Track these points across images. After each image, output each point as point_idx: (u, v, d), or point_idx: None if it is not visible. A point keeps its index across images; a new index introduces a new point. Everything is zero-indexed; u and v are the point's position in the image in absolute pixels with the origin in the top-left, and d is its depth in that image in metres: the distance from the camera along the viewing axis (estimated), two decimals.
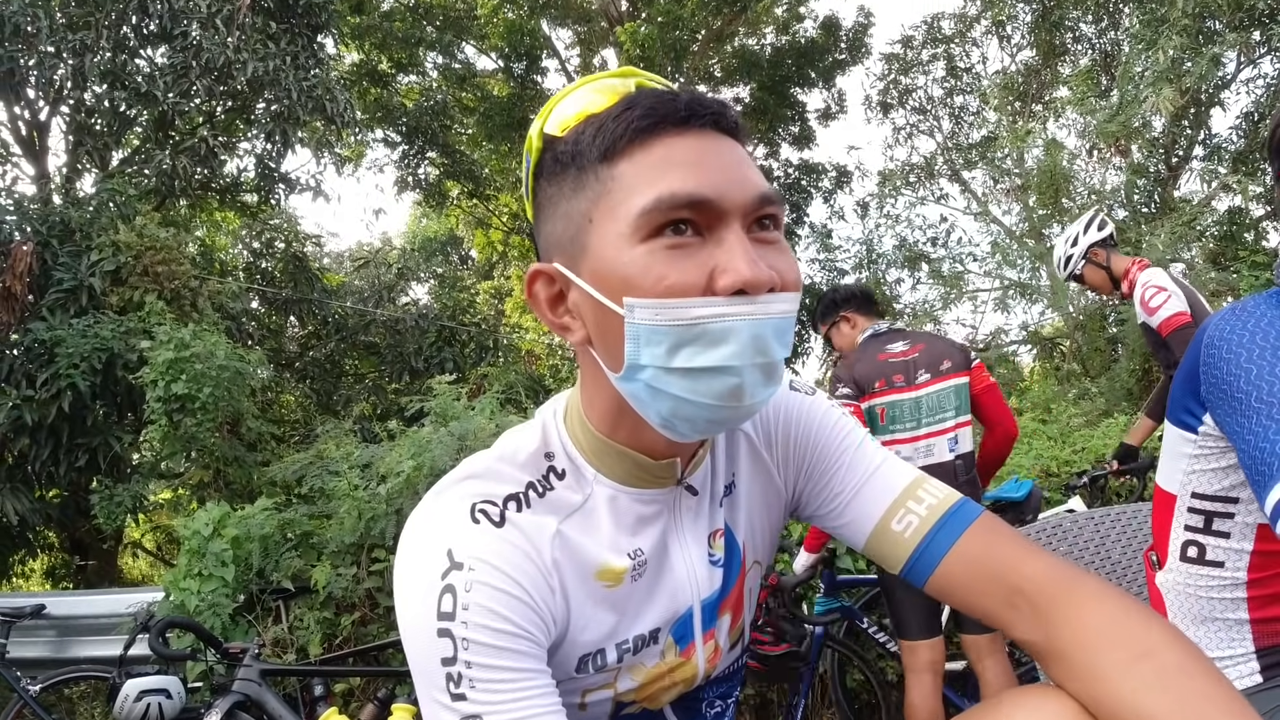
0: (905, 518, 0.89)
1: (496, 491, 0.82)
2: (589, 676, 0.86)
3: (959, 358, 2.88)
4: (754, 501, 0.97)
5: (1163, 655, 0.70)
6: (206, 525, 3.43)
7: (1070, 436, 5.97)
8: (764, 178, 0.77)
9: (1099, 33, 15.34)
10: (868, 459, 0.94)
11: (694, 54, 16.89)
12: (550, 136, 0.80)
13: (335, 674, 3.15)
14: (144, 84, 9.67)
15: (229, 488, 6.73)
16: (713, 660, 0.95)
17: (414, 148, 16.88)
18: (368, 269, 14.01)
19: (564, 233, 0.78)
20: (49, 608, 4.50)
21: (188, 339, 6.30)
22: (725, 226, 0.72)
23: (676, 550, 0.90)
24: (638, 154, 0.74)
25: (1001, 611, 0.82)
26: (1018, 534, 0.88)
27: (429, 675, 0.73)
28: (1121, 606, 0.75)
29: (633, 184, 0.73)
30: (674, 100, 0.74)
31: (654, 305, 0.70)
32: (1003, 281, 14.06)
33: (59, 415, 7.49)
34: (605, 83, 0.80)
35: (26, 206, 8.90)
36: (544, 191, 0.81)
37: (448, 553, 0.76)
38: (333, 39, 12.78)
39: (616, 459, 0.85)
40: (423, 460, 3.59)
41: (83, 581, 10.01)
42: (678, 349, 0.71)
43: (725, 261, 0.71)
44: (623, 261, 0.72)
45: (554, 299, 0.81)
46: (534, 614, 0.77)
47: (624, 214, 0.72)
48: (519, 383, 9.00)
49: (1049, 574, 0.81)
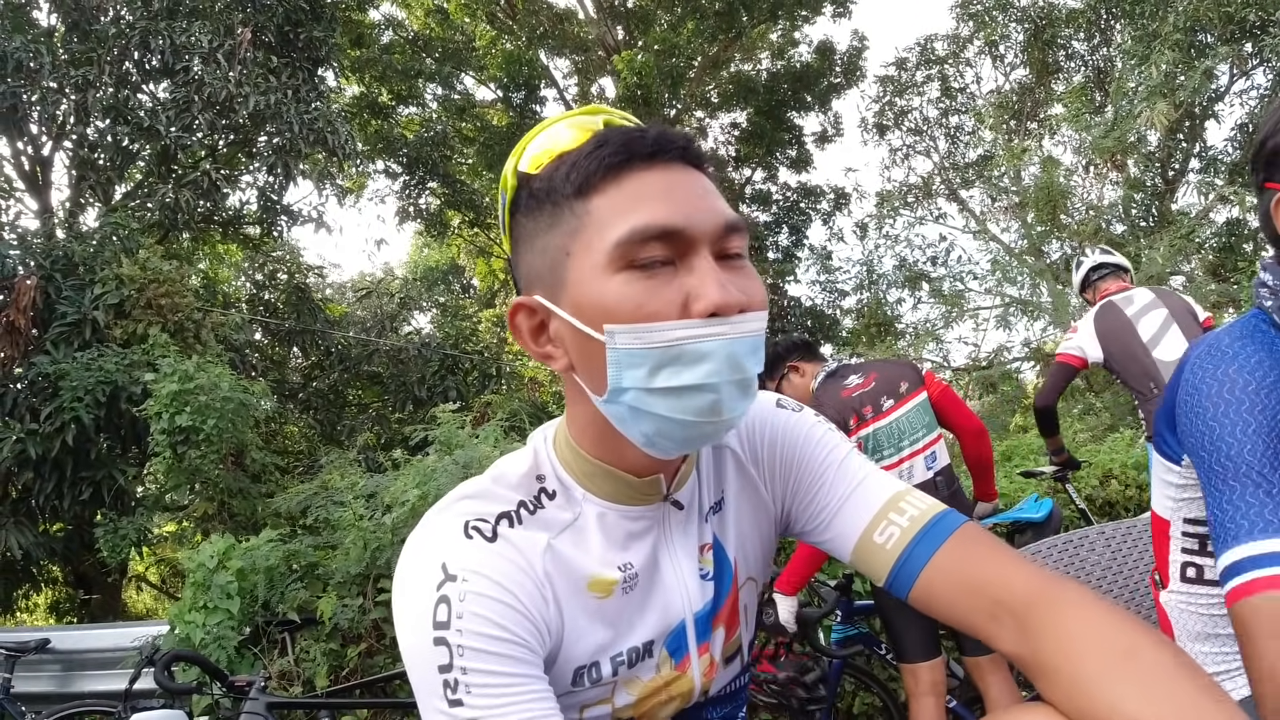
0: (887, 530, 0.90)
1: (489, 510, 0.85)
2: (585, 690, 0.87)
3: (912, 376, 2.93)
4: (743, 517, 0.99)
5: (1143, 658, 0.69)
6: (211, 558, 3.41)
7: (1077, 452, 5.94)
8: (729, 206, 0.81)
9: (1091, 50, 15.46)
10: (852, 473, 0.96)
11: (690, 81, 17.04)
12: (524, 174, 0.83)
13: (342, 706, 3.12)
14: (146, 119, 9.74)
15: (233, 519, 6.71)
16: (709, 674, 0.96)
17: (415, 178, 16.98)
18: (370, 299, 14.06)
19: (543, 266, 0.82)
20: (53, 642, 4.47)
21: (191, 371, 6.31)
22: (695, 254, 0.77)
23: (667, 564, 0.92)
24: (610, 189, 0.77)
25: (984, 623, 0.82)
26: (1000, 544, 0.87)
27: (427, 684, 0.75)
28: (1101, 613, 0.75)
29: (607, 217, 0.77)
30: (642, 136, 0.78)
31: (634, 330, 0.75)
32: (1004, 299, 14.10)
33: (63, 449, 7.49)
34: (575, 121, 0.84)
35: (30, 241, 8.97)
36: (521, 227, 0.85)
37: (442, 566, 0.79)
38: (333, 72, 12.91)
39: (603, 478, 0.88)
40: (428, 489, 3.58)
41: (87, 616, 9.97)
42: (658, 370, 0.75)
43: (698, 287, 0.75)
44: (601, 291, 0.76)
45: (536, 329, 0.85)
46: (528, 622, 0.79)
47: (600, 246, 0.76)
48: (523, 410, 8.99)
49: (1029, 584, 0.80)
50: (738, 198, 18.58)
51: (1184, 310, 3.51)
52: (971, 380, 14.56)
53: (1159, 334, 3.43)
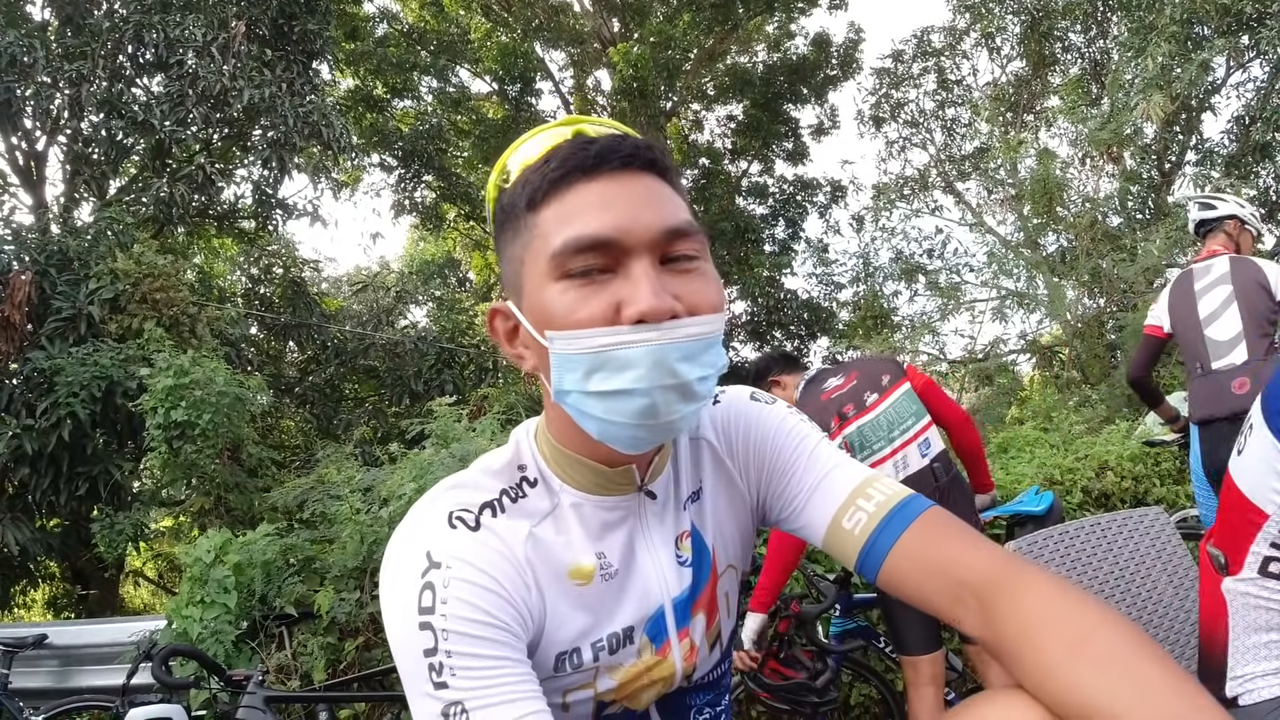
0: (855, 515, 0.92)
1: (472, 500, 0.88)
2: (567, 676, 0.90)
3: (893, 369, 2.95)
4: (720, 507, 1.02)
5: (1101, 640, 0.70)
6: (208, 552, 3.40)
7: (1073, 444, 5.96)
8: (682, 210, 0.84)
9: (1088, 42, 15.45)
10: (821, 461, 0.98)
11: (686, 73, 17.02)
12: (500, 188, 0.91)
13: (340, 700, 3.13)
14: (141, 113, 9.72)
15: (230, 514, 6.70)
16: (689, 659, 0.98)
17: (410, 171, 16.95)
18: (366, 293, 14.04)
19: (509, 274, 0.88)
20: (51, 637, 4.47)
21: (187, 366, 6.29)
22: (632, 261, 0.79)
23: (644, 552, 0.95)
24: (554, 202, 0.82)
25: (950, 606, 0.84)
26: (965, 528, 0.89)
27: (413, 668, 0.77)
28: (1060, 596, 0.76)
29: (549, 230, 0.81)
30: (586, 149, 0.82)
31: (567, 336, 0.79)
32: (1000, 291, 14.09)
33: (59, 444, 7.48)
34: (549, 133, 0.90)
35: (25, 236, 8.93)
36: (498, 238, 0.91)
37: (426, 554, 0.81)
38: (328, 65, 12.87)
39: (578, 469, 0.92)
40: (424, 483, 3.57)
41: (84, 611, 9.98)
42: (590, 374, 0.79)
43: (629, 294, 0.78)
44: (544, 299, 0.81)
45: (510, 333, 0.91)
46: (510, 607, 0.82)
47: (543, 257, 0.81)
48: (519, 403, 9.00)
49: (990, 566, 0.82)
50: (734, 190, 18.58)
51: (1253, 287, 3.20)
52: (968, 373, 14.57)
53: (1217, 312, 3.24)
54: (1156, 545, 1.66)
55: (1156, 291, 11.11)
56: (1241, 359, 3.03)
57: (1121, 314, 10.88)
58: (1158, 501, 5.04)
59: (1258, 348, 2.99)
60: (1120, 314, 10.98)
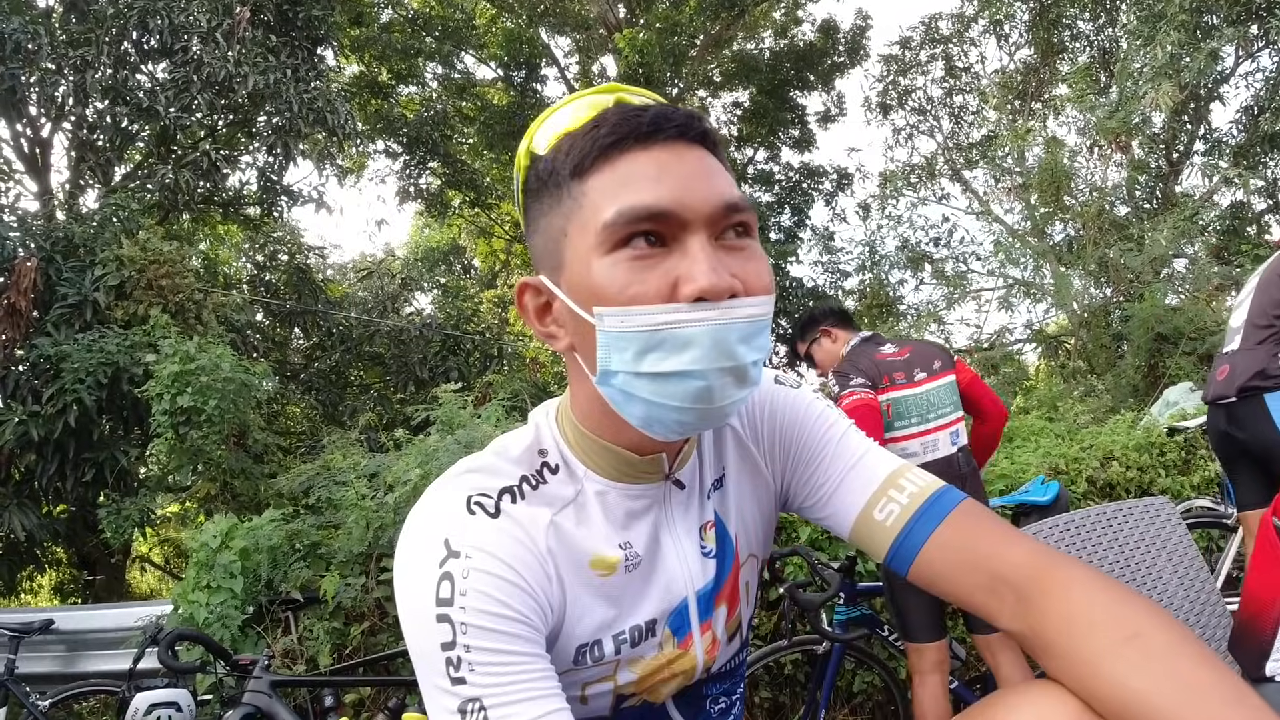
0: (887, 506, 0.90)
1: (491, 485, 0.84)
2: (587, 669, 0.87)
3: (945, 358, 2.97)
4: (744, 494, 0.99)
5: (1150, 637, 0.70)
6: (214, 537, 3.42)
7: (1078, 434, 5.96)
8: (733, 185, 0.80)
9: (1097, 30, 15.33)
10: (850, 449, 0.96)
11: (692, 59, 16.93)
12: (534, 154, 0.84)
13: (346, 684, 3.14)
14: (145, 99, 9.70)
15: (236, 500, 6.73)
16: (711, 652, 0.96)
17: (415, 158, 16.91)
18: (371, 280, 14.02)
19: (545, 247, 0.82)
20: (57, 623, 4.49)
21: (193, 352, 6.31)
22: (689, 236, 0.75)
23: (669, 543, 0.92)
24: (605, 170, 0.77)
25: (985, 600, 0.83)
26: (1000, 520, 0.88)
27: (429, 661, 0.75)
28: (1106, 591, 0.75)
29: (599, 199, 0.76)
30: (639, 116, 0.77)
31: (619, 313, 0.74)
32: (1006, 280, 14.04)
33: (65, 430, 7.50)
34: (588, 100, 0.84)
35: (30, 223, 8.95)
36: (531, 208, 0.85)
37: (444, 542, 0.78)
38: (332, 51, 12.83)
39: (604, 456, 0.88)
40: (430, 469, 3.58)
41: (91, 596, 10.03)
42: (644, 354, 0.74)
43: (687, 270, 0.74)
44: (592, 273, 0.76)
45: (541, 309, 0.86)
46: (531, 600, 0.79)
47: (592, 228, 0.76)
48: (524, 390, 9.01)
49: (1031, 560, 0.81)
50: (740, 178, 18.51)
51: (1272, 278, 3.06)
52: (973, 362, 14.53)
53: (1241, 299, 3.18)
54: (1162, 535, 1.66)
55: (1163, 281, 11.09)
56: (1234, 347, 3.03)
57: (1128, 304, 10.83)
58: (1162, 492, 5.04)
59: (1251, 337, 2.98)
60: (1127, 304, 10.93)
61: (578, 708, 0.81)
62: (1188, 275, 11.93)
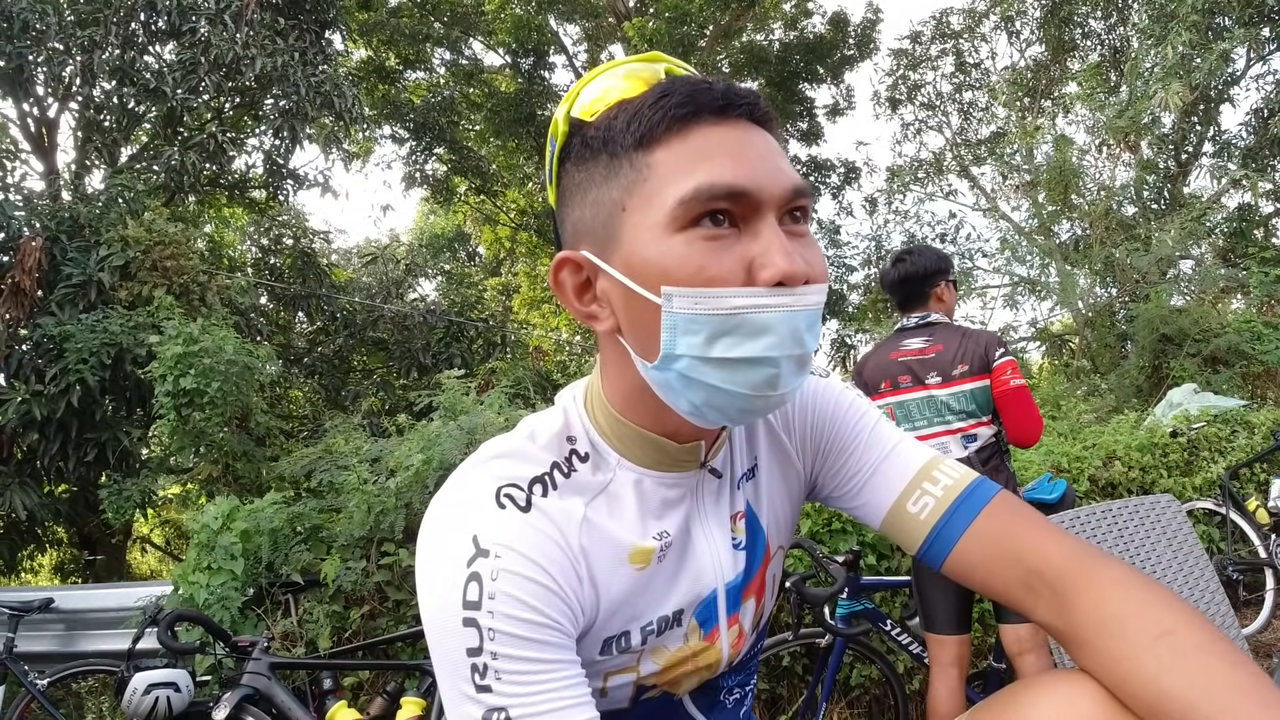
0: (921, 499, 0.89)
1: (522, 474, 0.80)
2: (612, 659, 0.85)
3: (978, 364, 2.75)
4: (775, 484, 0.97)
5: (1182, 636, 0.69)
6: (215, 519, 3.42)
7: (1081, 433, 5.95)
8: (794, 169, 0.76)
9: (1108, 28, 15.28)
10: (884, 440, 0.95)
11: (702, 49, 16.85)
12: (578, 120, 0.79)
13: (344, 667, 3.14)
14: (153, 80, 9.68)
15: (238, 482, 6.74)
16: (737, 645, 0.94)
17: (421, 144, 16.90)
18: (376, 265, 14.02)
19: (594, 220, 0.77)
20: (57, 602, 4.50)
21: (196, 334, 6.30)
22: (760, 219, 0.72)
23: (700, 533, 0.89)
24: (675, 142, 0.72)
25: (1020, 594, 0.82)
26: (1036, 514, 0.87)
27: (453, 665, 0.72)
28: (1143, 590, 0.75)
29: (670, 173, 0.72)
30: (710, 89, 0.73)
31: (693, 295, 0.70)
32: (1012, 278, 14.04)
33: (68, 410, 7.51)
34: (634, 68, 0.79)
35: (36, 203, 8.93)
36: (571, 177, 0.79)
37: (473, 539, 0.74)
38: (340, 35, 12.80)
39: (640, 443, 0.84)
40: (432, 454, 3.58)
41: (91, 576, 10.05)
42: (716, 339, 0.71)
43: (763, 254, 0.71)
44: (659, 251, 0.71)
45: (581, 287, 0.80)
46: (562, 603, 0.76)
47: (660, 203, 0.71)
48: (527, 378, 9.01)
49: (1069, 556, 0.80)
50: None
51: None
52: None
53: None
54: (1168, 533, 1.65)
55: (1168, 282, 11.07)
56: None
57: (1133, 304, 10.81)
58: (1164, 493, 5.03)
59: None
60: (1132, 304, 10.91)
61: (598, 700, 0.79)
62: (1194, 277, 11.92)
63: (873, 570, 3.62)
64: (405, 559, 3.32)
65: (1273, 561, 4.63)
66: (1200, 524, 5.10)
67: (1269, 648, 4.35)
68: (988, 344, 2.79)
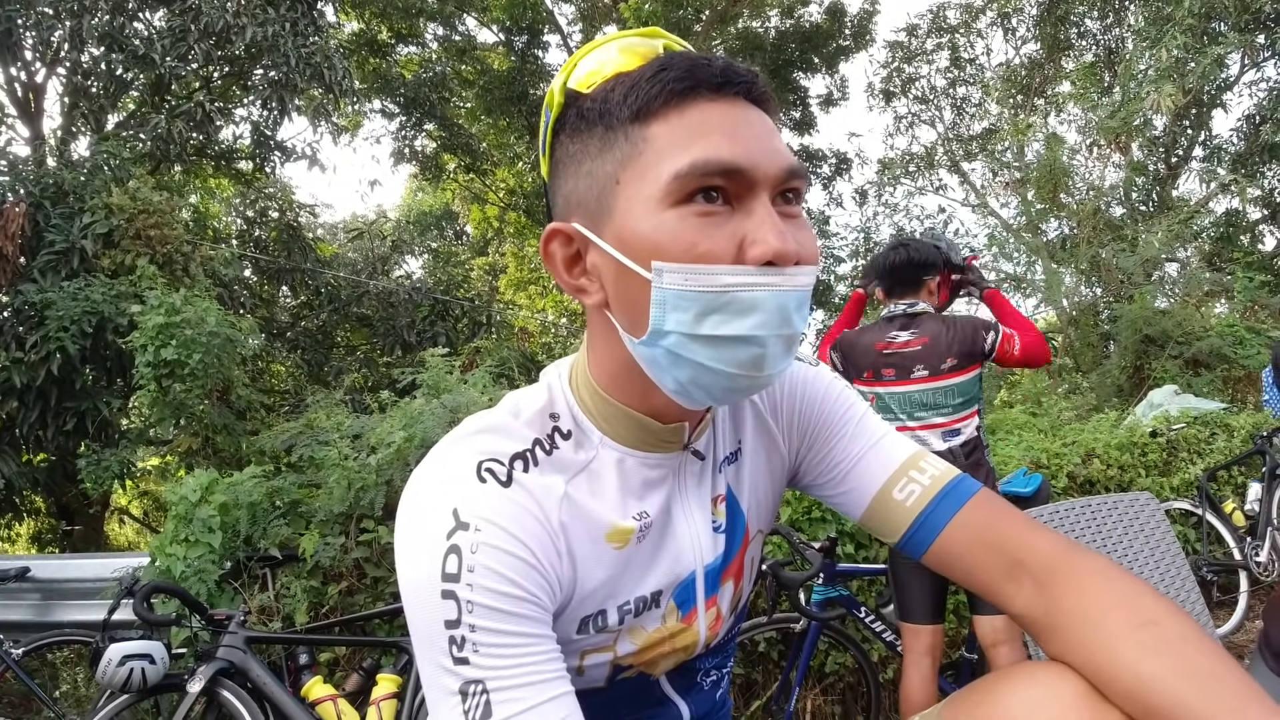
0: (908, 487, 0.90)
1: (503, 449, 0.80)
2: (589, 638, 0.85)
3: (968, 356, 2.75)
4: (758, 469, 0.97)
5: (1164, 626, 0.71)
6: (194, 491, 3.39)
7: (1060, 430, 5.99)
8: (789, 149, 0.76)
9: (1104, 29, 15.31)
10: (870, 430, 0.96)
11: (697, 34, 16.78)
12: (574, 92, 0.78)
13: (321, 643, 3.14)
14: (141, 47, 9.54)
15: (217, 455, 6.70)
16: (714, 628, 0.95)
17: (412, 119, 16.76)
18: (362, 240, 13.92)
19: (587, 192, 0.76)
20: (34, 571, 4.47)
21: (179, 304, 6.24)
22: (754, 197, 0.72)
23: (680, 515, 0.89)
24: (672, 117, 0.72)
25: (1001, 584, 0.83)
26: (1019, 511, 0.89)
27: (431, 638, 0.72)
28: (1126, 582, 0.77)
29: (665, 147, 0.71)
30: (709, 65, 0.73)
31: (683, 270, 0.70)
32: (999, 274, 14.07)
33: (48, 378, 7.43)
34: (632, 42, 0.78)
35: (20, 168, 8.81)
36: (564, 148, 0.79)
37: (453, 512, 0.74)
38: (332, 7, 12.68)
39: (624, 422, 0.84)
40: (414, 432, 3.57)
41: (69, 547, 9.98)
42: (704, 316, 0.70)
43: (755, 232, 0.71)
44: (651, 225, 0.71)
45: (571, 259, 0.80)
46: (540, 578, 0.76)
47: (655, 177, 0.71)
48: (512, 359, 8.98)
49: (1052, 549, 0.82)
50: None
51: None
52: None
53: None
54: (1146, 530, 1.67)
55: (1153, 284, 11.15)
56: None
57: (1118, 304, 10.88)
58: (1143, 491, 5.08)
59: None
60: (1116, 304, 10.99)
61: (574, 679, 0.80)
62: (1179, 279, 12.00)
63: (850, 559, 3.64)
64: (384, 536, 3.31)
65: (1247, 564, 4.69)
66: (1177, 524, 5.15)
67: (1241, 649, 4.41)
68: (974, 333, 2.77)
